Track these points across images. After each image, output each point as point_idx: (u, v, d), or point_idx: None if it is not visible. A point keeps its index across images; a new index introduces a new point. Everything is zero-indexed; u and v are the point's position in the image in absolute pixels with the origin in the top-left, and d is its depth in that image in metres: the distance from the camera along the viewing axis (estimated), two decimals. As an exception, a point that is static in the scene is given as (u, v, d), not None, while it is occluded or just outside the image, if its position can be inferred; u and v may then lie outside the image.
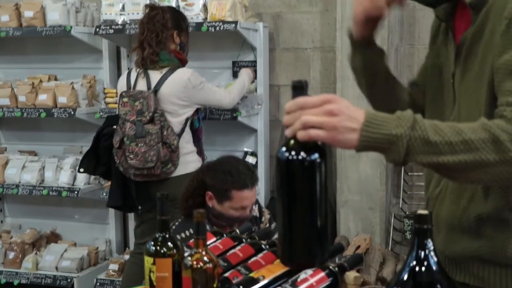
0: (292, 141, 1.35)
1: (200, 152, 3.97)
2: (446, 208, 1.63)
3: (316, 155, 1.34)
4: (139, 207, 3.81)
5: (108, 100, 4.55)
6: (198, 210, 1.52)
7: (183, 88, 3.70)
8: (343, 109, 1.30)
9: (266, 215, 3.07)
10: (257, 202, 2.99)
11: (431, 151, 1.33)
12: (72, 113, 4.47)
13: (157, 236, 1.66)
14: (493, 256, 1.53)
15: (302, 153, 1.34)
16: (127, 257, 4.66)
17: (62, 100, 4.53)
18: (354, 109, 1.32)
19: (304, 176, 1.36)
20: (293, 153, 1.35)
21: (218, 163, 2.86)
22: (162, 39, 3.69)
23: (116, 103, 4.45)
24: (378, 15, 1.62)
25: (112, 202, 3.96)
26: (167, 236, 1.66)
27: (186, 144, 3.79)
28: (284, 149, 1.37)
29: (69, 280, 4.55)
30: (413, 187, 4.27)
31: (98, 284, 4.58)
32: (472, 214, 1.56)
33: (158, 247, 1.64)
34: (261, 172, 4.39)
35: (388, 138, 1.32)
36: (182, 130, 3.76)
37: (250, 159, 4.54)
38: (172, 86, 3.69)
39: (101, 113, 4.46)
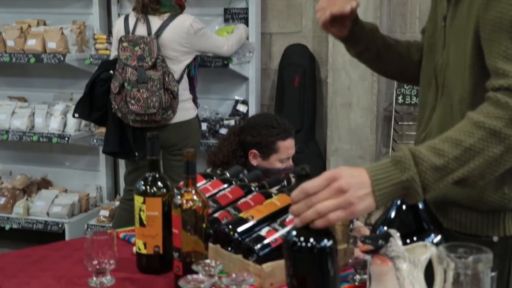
0: (303, 230, 1.26)
1: (194, 100, 3.98)
2: None
3: (331, 239, 1.27)
4: (136, 154, 3.82)
5: (98, 46, 4.50)
6: (188, 149, 1.52)
7: (184, 34, 3.71)
8: (350, 181, 1.28)
9: (292, 179, 3.08)
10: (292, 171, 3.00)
11: (443, 174, 1.33)
12: (62, 58, 4.43)
13: (147, 175, 1.67)
14: (471, 202, 1.55)
15: (322, 240, 1.26)
16: (117, 203, 4.68)
17: (51, 45, 4.48)
18: (357, 174, 1.30)
19: (323, 261, 1.26)
20: (312, 242, 1.25)
21: (255, 121, 2.87)
22: None
23: (106, 49, 4.43)
24: (341, 13, 1.67)
25: (109, 148, 3.96)
26: (157, 176, 1.67)
27: (184, 91, 3.81)
28: (301, 240, 1.26)
29: (60, 225, 4.57)
30: (403, 137, 4.29)
31: (89, 229, 4.61)
32: None
33: (148, 187, 1.65)
34: (252, 120, 4.38)
35: (401, 186, 1.31)
36: (181, 77, 3.78)
37: (241, 108, 4.54)
38: (174, 32, 3.70)
39: (91, 59, 4.43)
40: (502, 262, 1.55)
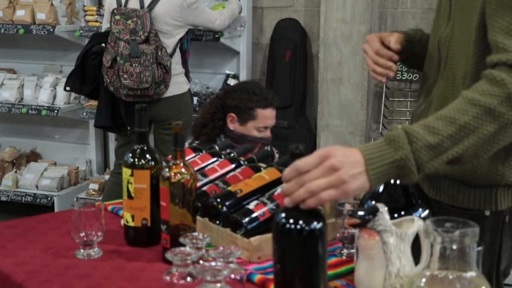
0: (292, 212, 1.21)
1: (187, 74, 3.96)
2: None
3: (321, 221, 1.21)
4: (129, 128, 3.80)
5: (88, 18, 4.45)
6: (177, 122, 1.51)
7: (178, 8, 3.69)
8: (342, 159, 1.24)
9: (275, 154, 3.08)
10: (269, 143, 2.99)
11: (437, 152, 1.31)
12: (51, 30, 4.38)
13: (135, 148, 1.66)
14: (464, 177, 1.57)
15: (311, 222, 1.20)
16: (107, 177, 4.68)
17: (41, 16, 4.43)
18: (350, 153, 1.27)
19: (313, 243, 1.21)
20: (302, 224, 1.20)
21: (239, 86, 2.89)
22: None
23: (96, 21, 4.39)
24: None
25: (101, 122, 3.93)
26: (145, 148, 1.66)
27: (176, 65, 3.79)
28: (290, 221, 1.21)
29: (49, 198, 4.56)
30: (393, 113, 4.29)
31: (76, 201, 4.60)
32: None
33: (136, 159, 1.65)
34: (243, 95, 4.37)
35: (396, 165, 1.28)
36: (174, 51, 3.76)
37: (232, 82, 4.51)
38: (167, 6, 3.67)
39: (81, 31, 4.39)
40: (493, 236, 1.57)
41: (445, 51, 1.62)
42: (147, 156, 1.65)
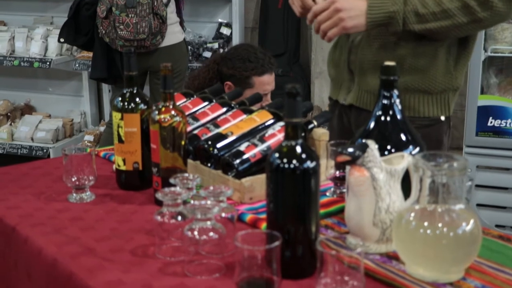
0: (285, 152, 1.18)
1: (181, 23, 3.91)
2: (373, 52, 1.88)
3: (314, 161, 1.18)
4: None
5: (77, -33, 4.37)
6: (165, 64, 1.50)
7: None
8: (344, 4, 1.69)
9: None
10: None
11: (420, 20, 1.72)
12: (41, -20, 4.31)
13: (124, 91, 1.65)
14: (426, 85, 1.84)
15: (304, 161, 1.17)
16: (102, 128, 4.68)
17: (29, -34, 4.35)
18: (353, 0, 1.71)
19: (306, 182, 1.19)
20: (295, 163, 1.17)
21: (234, 52, 2.79)
22: None
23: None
24: None
25: (97, 74, 3.88)
26: (134, 92, 1.65)
27: (171, 14, 3.73)
28: (284, 160, 1.18)
29: (45, 150, 4.56)
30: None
31: (67, 148, 4.59)
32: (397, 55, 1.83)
33: (126, 103, 1.63)
34: (236, 43, 4.32)
35: (388, 15, 1.71)
36: (169, 1, 3.69)
37: (225, 31, 4.47)
38: None
39: (71, -19, 4.31)
40: (443, 138, 1.92)
41: None
42: (137, 99, 1.63)
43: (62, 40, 3.90)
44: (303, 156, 1.17)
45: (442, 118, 1.90)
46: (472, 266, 1.21)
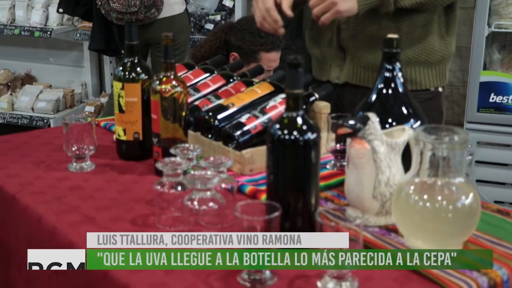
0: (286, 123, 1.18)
1: None
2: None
3: (315, 132, 1.18)
4: (122, 51, 3.74)
5: None
6: (166, 34, 1.49)
7: None
8: None
9: None
10: None
11: None
12: None
13: (125, 61, 1.64)
14: (425, 55, 1.88)
15: (305, 132, 1.17)
16: (103, 99, 4.67)
17: None
18: None
19: (306, 154, 1.18)
20: (296, 134, 1.16)
21: (245, 23, 2.76)
22: None
23: None
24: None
25: (95, 45, 3.86)
26: (135, 61, 1.64)
27: None
28: (285, 132, 1.17)
29: (45, 120, 4.56)
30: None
31: (67, 117, 4.58)
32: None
33: (126, 72, 1.63)
34: (238, 15, 4.29)
35: None
36: None
37: (227, 2, 4.43)
38: None
39: (71, -51, 4.26)
40: (443, 109, 2.00)
41: None
42: (138, 69, 1.63)
43: (61, 10, 3.88)
44: (304, 127, 1.17)
45: (440, 89, 1.96)
46: (470, 240, 1.22)
